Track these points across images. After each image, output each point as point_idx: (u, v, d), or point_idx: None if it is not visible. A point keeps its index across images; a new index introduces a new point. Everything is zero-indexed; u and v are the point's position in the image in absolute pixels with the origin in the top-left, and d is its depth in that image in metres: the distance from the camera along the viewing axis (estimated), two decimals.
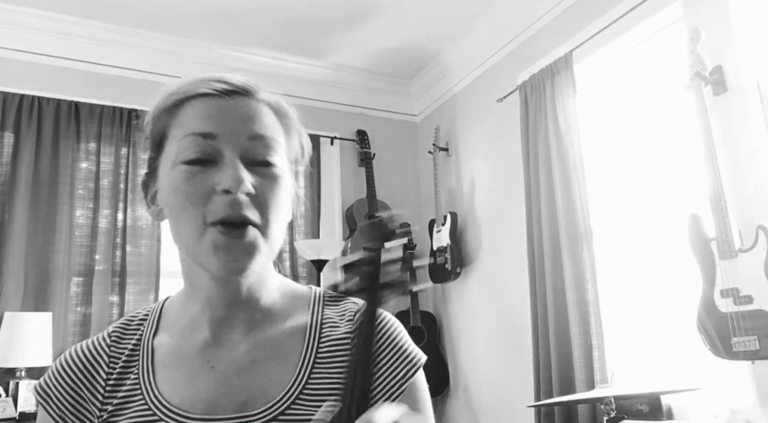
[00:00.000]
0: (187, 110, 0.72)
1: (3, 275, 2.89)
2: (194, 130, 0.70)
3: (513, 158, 3.27)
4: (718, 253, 1.99)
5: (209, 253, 0.68)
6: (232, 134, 0.70)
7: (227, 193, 0.67)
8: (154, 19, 3.32)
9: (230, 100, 0.73)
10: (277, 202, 0.72)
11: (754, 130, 2.10)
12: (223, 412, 0.69)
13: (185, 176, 0.69)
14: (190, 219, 0.69)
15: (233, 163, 0.69)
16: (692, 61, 2.13)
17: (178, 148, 0.70)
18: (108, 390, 0.73)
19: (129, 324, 0.80)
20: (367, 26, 3.52)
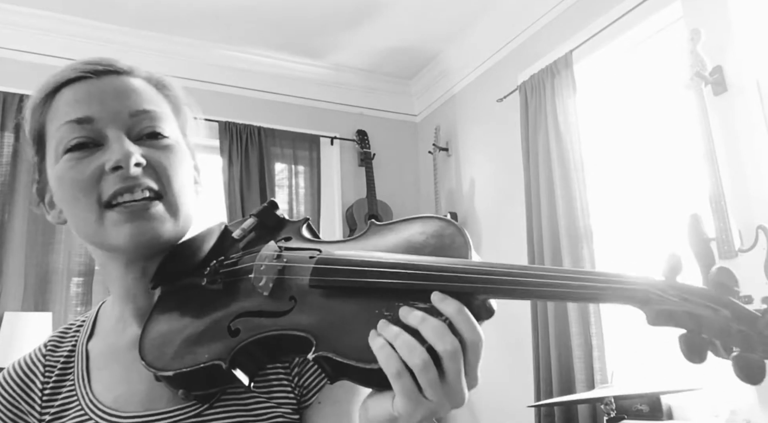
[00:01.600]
0: (58, 100, 0.68)
1: (3, 275, 2.89)
2: (68, 118, 0.66)
3: (513, 158, 3.27)
4: (718, 253, 1.99)
5: (111, 231, 0.64)
6: (111, 113, 0.66)
7: (117, 169, 0.64)
8: (154, 19, 3.32)
9: (102, 81, 0.68)
10: (174, 168, 0.68)
11: (754, 130, 2.10)
12: (159, 405, 0.67)
13: (70, 165, 0.65)
14: (84, 206, 0.65)
15: (118, 139, 0.65)
16: (692, 61, 2.13)
17: (56, 139, 0.66)
18: (45, 400, 0.71)
19: (66, 333, 0.78)
20: (367, 26, 3.52)
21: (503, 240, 3.38)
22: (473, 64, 3.70)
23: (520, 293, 0.52)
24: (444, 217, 0.62)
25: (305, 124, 3.85)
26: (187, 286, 0.68)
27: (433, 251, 0.58)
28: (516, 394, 3.08)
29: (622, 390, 1.97)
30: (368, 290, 0.56)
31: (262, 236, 0.70)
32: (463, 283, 0.52)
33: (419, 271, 0.54)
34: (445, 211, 3.71)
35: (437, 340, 0.50)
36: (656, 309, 0.49)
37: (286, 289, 0.61)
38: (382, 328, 0.52)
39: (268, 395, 0.69)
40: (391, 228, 0.64)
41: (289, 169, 3.73)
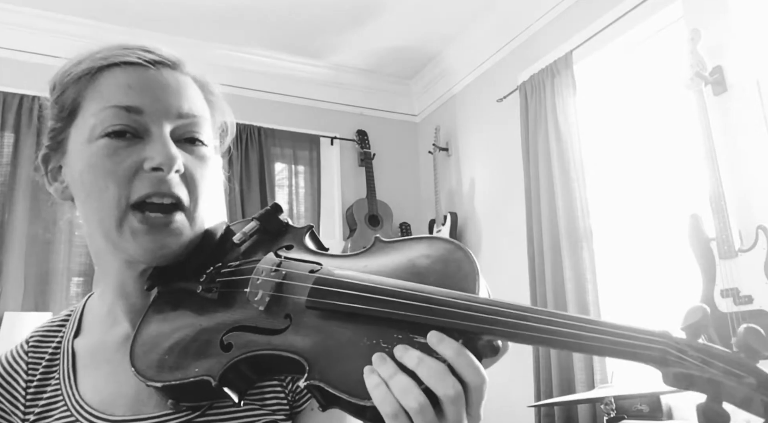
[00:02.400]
0: (108, 79, 0.65)
1: (3, 275, 2.89)
2: (117, 103, 0.63)
3: (513, 158, 3.27)
4: (718, 253, 1.99)
5: (128, 238, 0.62)
6: (161, 109, 0.64)
7: (157, 170, 0.62)
8: (154, 19, 3.32)
9: (156, 72, 0.66)
10: (205, 181, 0.67)
11: (754, 130, 2.10)
12: (146, 409, 0.65)
13: (106, 152, 0.62)
14: (111, 199, 0.62)
15: (163, 139, 0.63)
16: (692, 61, 2.13)
17: (97, 120, 0.63)
18: (29, 399, 0.68)
19: (50, 328, 0.74)
20: (367, 26, 3.52)
21: (503, 240, 3.37)
22: (473, 64, 3.70)
23: (528, 338, 0.49)
24: (452, 240, 0.59)
25: (305, 124, 3.85)
26: (183, 290, 0.66)
27: (438, 278, 0.55)
28: (516, 394, 3.08)
29: (622, 390, 1.97)
30: (366, 317, 0.53)
31: (263, 241, 0.69)
32: (468, 321, 0.49)
33: (422, 303, 0.51)
34: (446, 211, 3.71)
35: (436, 383, 0.47)
36: (674, 371, 0.45)
37: (282, 306, 0.59)
38: (378, 364, 0.49)
39: (261, 402, 0.67)
40: (395, 247, 0.61)
41: (289, 169, 3.73)
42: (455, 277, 0.54)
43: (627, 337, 0.46)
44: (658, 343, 0.45)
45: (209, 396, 0.60)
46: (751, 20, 2.17)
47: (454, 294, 0.51)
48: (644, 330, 0.46)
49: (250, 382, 0.60)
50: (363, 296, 0.54)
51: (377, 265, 0.59)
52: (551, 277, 2.78)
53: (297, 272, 0.60)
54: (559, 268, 2.75)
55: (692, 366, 0.44)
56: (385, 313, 0.52)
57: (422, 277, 0.55)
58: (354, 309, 0.54)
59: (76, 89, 0.66)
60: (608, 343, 0.46)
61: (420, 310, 0.51)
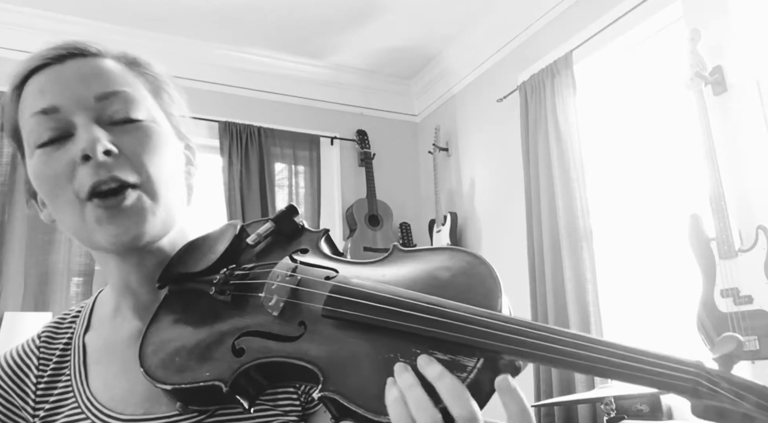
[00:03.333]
0: (26, 91, 0.64)
1: (3, 275, 2.89)
2: (34, 110, 0.62)
3: (513, 158, 3.27)
4: (718, 253, 1.99)
5: (94, 229, 0.61)
6: (76, 100, 0.62)
7: (87, 158, 0.59)
8: (154, 19, 3.32)
9: (62, 66, 0.64)
10: (152, 155, 0.63)
11: (754, 130, 2.10)
12: (157, 408, 0.64)
13: (43, 160, 0.61)
14: (63, 203, 0.62)
15: (86, 126, 0.60)
16: (692, 61, 2.13)
17: (27, 134, 0.63)
18: (39, 394, 0.67)
19: (61, 323, 0.74)
20: (367, 26, 3.52)
21: (503, 240, 3.37)
22: (473, 64, 3.70)
23: (553, 361, 0.47)
24: (474, 253, 0.56)
25: (305, 124, 3.85)
26: (195, 291, 0.65)
27: (459, 292, 0.52)
28: None
29: (622, 390, 1.97)
30: (385, 330, 0.51)
31: (278, 243, 0.67)
32: (491, 340, 0.47)
33: (445, 319, 0.49)
34: (446, 211, 3.71)
35: (453, 402, 0.45)
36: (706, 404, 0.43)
37: (297, 312, 0.57)
38: (399, 373, 0.48)
39: (273, 402, 0.66)
40: (414, 256, 0.59)
41: (289, 169, 3.73)
42: (477, 292, 0.52)
43: (659, 366, 0.45)
44: (691, 374, 0.44)
45: (219, 401, 0.59)
46: (751, 20, 2.17)
47: (477, 311, 0.49)
48: (677, 359, 0.45)
49: (261, 389, 0.59)
50: (381, 308, 0.52)
51: (395, 275, 0.57)
52: (551, 277, 2.78)
53: (312, 279, 0.59)
54: (559, 268, 2.75)
55: (725, 399, 0.43)
56: (405, 327, 0.50)
57: (442, 290, 0.53)
58: (371, 320, 0.52)
59: (10, 113, 0.66)
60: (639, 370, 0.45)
61: (440, 326, 0.49)
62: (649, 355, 0.45)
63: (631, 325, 2.62)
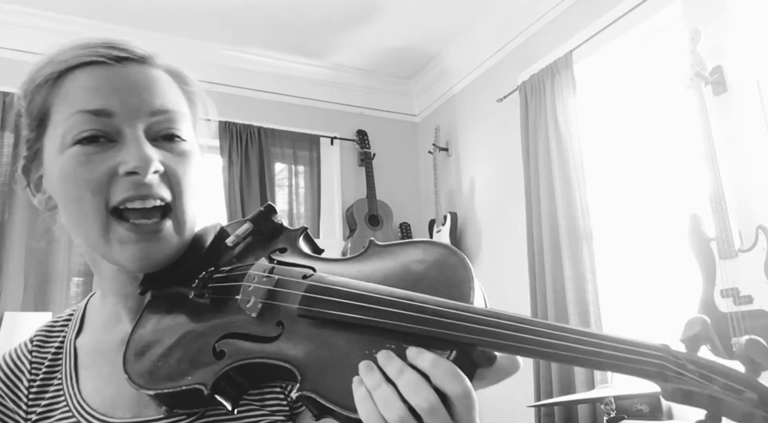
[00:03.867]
0: (72, 82, 0.62)
1: (3, 275, 2.89)
2: (83, 107, 0.60)
3: (513, 158, 3.27)
4: (718, 253, 1.99)
5: (116, 247, 0.61)
6: (132, 109, 0.61)
7: (133, 174, 0.59)
8: (154, 19, 3.32)
9: (121, 69, 0.63)
10: (188, 177, 0.64)
11: (754, 130, 2.10)
12: (147, 411, 0.64)
13: (78, 160, 0.60)
14: (90, 209, 0.60)
15: (137, 140, 0.60)
16: (692, 61, 2.13)
17: (66, 127, 0.60)
18: (31, 398, 0.67)
19: (52, 327, 0.73)
20: (367, 26, 3.52)
21: (503, 240, 3.37)
22: (473, 64, 3.70)
23: (522, 350, 0.48)
24: (447, 244, 0.57)
25: (305, 124, 3.85)
26: (176, 294, 0.65)
27: (432, 285, 0.53)
28: (516, 394, 3.08)
29: (622, 390, 1.97)
30: (359, 326, 0.52)
31: (257, 243, 0.68)
32: (461, 332, 0.48)
33: (415, 313, 0.50)
34: (446, 211, 3.71)
35: (410, 394, 0.46)
36: (673, 387, 0.44)
37: (275, 313, 0.58)
38: (364, 373, 0.49)
39: (261, 403, 0.67)
40: (390, 251, 0.59)
41: (289, 169, 3.73)
42: (449, 284, 0.53)
43: (625, 351, 0.45)
44: (657, 358, 0.44)
45: (202, 403, 0.59)
46: (751, 20, 2.17)
47: (448, 303, 0.50)
48: (643, 343, 0.45)
49: (242, 390, 0.59)
50: (354, 305, 0.53)
51: (371, 270, 0.58)
52: (551, 277, 2.78)
53: (289, 279, 0.59)
54: (559, 268, 2.75)
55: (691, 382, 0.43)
56: (377, 323, 0.51)
57: (416, 284, 0.54)
58: (345, 318, 0.53)
59: (42, 96, 0.64)
60: (606, 357, 0.45)
61: (412, 320, 0.50)
62: (615, 341, 0.46)
63: (631, 325, 2.62)
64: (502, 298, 3.33)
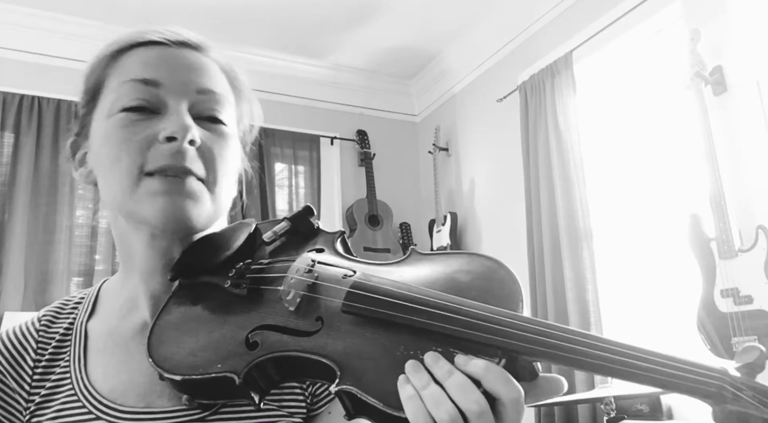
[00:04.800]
0: (130, 58, 0.65)
1: (3, 275, 2.89)
2: (134, 76, 0.62)
3: (513, 158, 3.27)
4: (718, 253, 1.99)
5: (143, 200, 0.60)
6: (179, 84, 0.63)
7: (171, 140, 0.60)
8: (154, 19, 3.32)
9: (176, 50, 0.66)
10: (224, 159, 0.65)
11: (754, 130, 2.10)
12: (159, 402, 0.62)
13: (122, 123, 0.61)
14: (123, 169, 0.61)
15: (179, 111, 0.62)
16: (692, 61, 2.13)
17: (116, 95, 0.63)
18: (36, 378, 0.65)
19: (63, 308, 0.73)
20: (367, 26, 3.52)
21: (503, 240, 3.38)
22: (473, 64, 3.70)
23: (573, 362, 0.46)
24: (493, 257, 0.56)
25: (305, 124, 3.85)
26: (208, 284, 0.64)
27: (479, 295, 0.52)
28: None
29: (622, 390, 1.97)
30: (405, 327, 0.51)
31: (292, 242, 0.67)
32: (511, 339, 0.47)
33: (466, 317, 0.49)
34: (446, 211, 3.71)
35: (461, 397, 0.45)
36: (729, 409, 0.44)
37: (314, 308, 0.57)
38: (411, 373, 0.48)
39: (279, 403, 0.65)
40: (432, 259, 0.59)
41: (289, 169, 3.73)
42: (498, 296, 0.52)
43: (685, 370, 0.45)
44: (717, 379, 0.44)
45: (228, 394, 0.58)
46: (751, 20, 2.17)
47: (500, 311, 0.49)
48: (702, 365, 0.45)
49: (273, 384, 0.58)
50: (403, 305, 0.51)
51: (414, 275, 0.57)
52: (551, 277, 2.78)
53: (332, 273, 0.59)
54: (559, 268, 2.75)
55: (749, 405, 0.43)
56: (426, 325, 0.50)
57: (462, 293, 0.53)
58: (393, 317, 0.51)
59: (98, 72, 0.66)
60: (665, 375, 0.45)
61: (462, 324, 0.49)
62: (676, 361, 0.45)
63: (631, 325, 2.62)
64: None
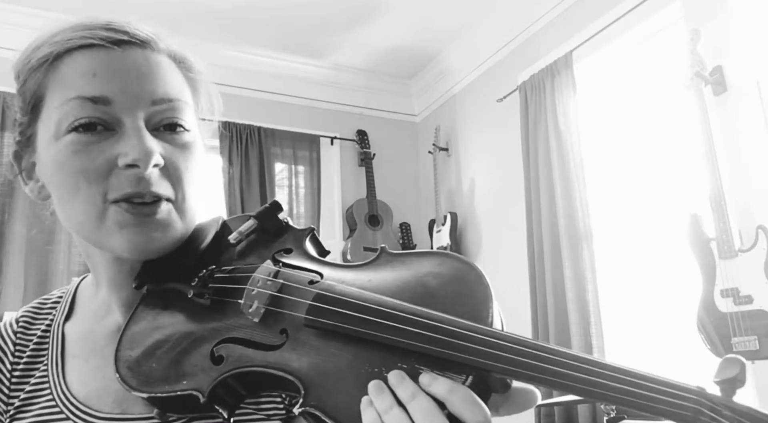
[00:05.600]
0: (69, 66, 0.58)
1: (3, 275, 2.89)
2: (81, 93, 0.56)
3: (513, 158, 3.27)
4: (718, 253, 1.99)
5: (113, 232, 0.57)
6: (132, 97, 0.57)
7: (132, 167, 0.56)
8: (153, 20, 3.30)
9: (122, 53, 0.59)
10: (190, 170, 0.61)
11: (754, 130, 2.10)
12: (134, 408, 0.60)
13: (74, 148, 0.56)
14: (86, 199, 0.57)
15: (137, 131, 0.56)
16: (692, 61, 2.13)
17: (61, 114, 0.57)
18: (14, 382, 0.62)
19: (41, 308, 0.69)
20: (367, 26, 3.52)
21: (503, 240, 3.37)
22: (473, 64, 3.70)
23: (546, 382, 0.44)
24: (464, 258, 0.54)
25: (305, 124, 3.85)
26: (174, 291, 0.61)
27: (448, 301, 0.50)
28: None
29: None
30: (369, 342, 0.49)
31: (261, 241, 0.65)
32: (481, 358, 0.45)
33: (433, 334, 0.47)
34: (446, 211, 3.71)
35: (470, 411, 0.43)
36: None
37: (279, 320, 0.54)
38: (374, 395, 0.46)
39: (256, 406, 0.63)
40: (403, 260, 0.56)
41: (289, 169, 3.73)
42: (467, 303, 0.50)
43: (659, 391, 0.42)
44: (692, 402, 0.42)
45: (197, 409, 0.56)
46: (750, 20, 2.17)
47: (467, 325, 0.47)
48: (678, 385, 0.43)
49: (240, 399, 0.56)
50: (366, 319, 0.49)
51: (382, 280, 0.55)
52: (551, 277, 2.78)
53: (295, 285, 0.56)
54: (559, 268, 2.75)
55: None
56: (389, 340, 0.48)
57: (431, 299, 0.51)
58: (355, 332, 0.49)
59: (36, 78, 0.60)
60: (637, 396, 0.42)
61: (428, 341, 0.47)
62: (648, 380, 0.43)
63: (631, 325, 2.62)
64: (502, 298, 3.32)
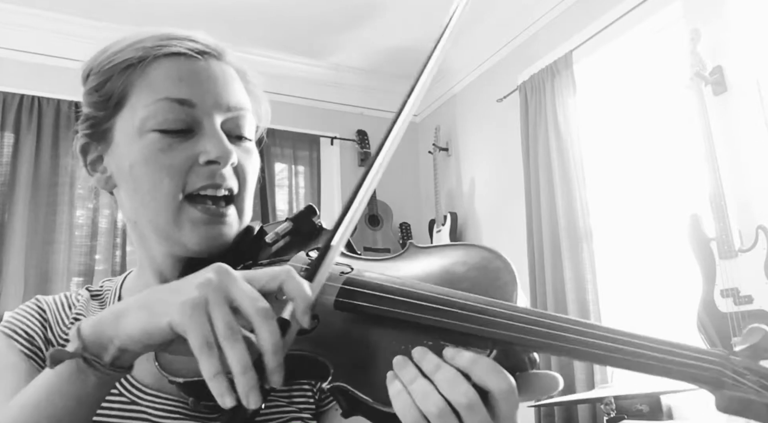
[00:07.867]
0: (158, 70, 0.64)
1: (3, 275, 2.89)
2: (170, 95, 0.63)
3: (513, 158, 3.27)
4: (718, 253, 1.99)
5: (185, 227, 0.63)
6: (212, 102, 0.65)
7: (212, 163, 0.63)
8: (154, 20, 3.32)
9: (204, 63, 0.66)
10: (252, 174, 0.69)
11: (754, 130, 2.10)
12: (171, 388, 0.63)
13: (160, 146, 0.63)
14: (165, 193, 0.63)
15: (217, 133, 0.64)
16: (692, 61, 2.13)
17: (148, 112, 0.63)
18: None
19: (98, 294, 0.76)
20: (367, 26, 3.52)
21: (503, 240, 3.37)
22: (473, 64, 3.70)
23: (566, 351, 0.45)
24: (490, 247, 0.57)
25: (305, 124, 3.85)
26: None
27: (473, 285, 0.52)
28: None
29: (622, 390, 1.97)
30: (396, 321, 0.51)
31: (295, 242, 0.68)
32: (503, 330, 0.46)
33: (456, 309, 0.49)
34: (446, 211, 3.71)
35: (449, 390, 0.45)
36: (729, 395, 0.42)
37: None
38: (399, 368, 0.47)
39: (288, 399, 0.67)
40: (430, 252, 0.60)
41: (289, 169, 3.73)
42: (493, 285, 0.52)
43: (683, 355, 0.43)
44: (716, 364, 0.43)
45: None
46: (750, 20, 2.17)
47: (490, 301, 0.49)
48: (701, 349, 0.44)
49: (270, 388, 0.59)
50: (393, 299, 0.52)
51: (410, 270, 0.58)
52: (551, 277, 2.78)
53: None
54: (559, 268, 2.75)
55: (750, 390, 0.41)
56: (416, 318, 0.50)
57: (457, 284, 0.53)
58: (384, 312, 0.52)
59: (123, 78, 0.65)
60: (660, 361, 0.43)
61: (450, 316, 0.48)
62: (675, 346, 0.44)
63: (631, 325, 2.62)
64: None
